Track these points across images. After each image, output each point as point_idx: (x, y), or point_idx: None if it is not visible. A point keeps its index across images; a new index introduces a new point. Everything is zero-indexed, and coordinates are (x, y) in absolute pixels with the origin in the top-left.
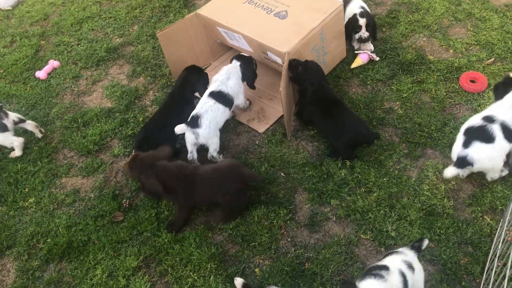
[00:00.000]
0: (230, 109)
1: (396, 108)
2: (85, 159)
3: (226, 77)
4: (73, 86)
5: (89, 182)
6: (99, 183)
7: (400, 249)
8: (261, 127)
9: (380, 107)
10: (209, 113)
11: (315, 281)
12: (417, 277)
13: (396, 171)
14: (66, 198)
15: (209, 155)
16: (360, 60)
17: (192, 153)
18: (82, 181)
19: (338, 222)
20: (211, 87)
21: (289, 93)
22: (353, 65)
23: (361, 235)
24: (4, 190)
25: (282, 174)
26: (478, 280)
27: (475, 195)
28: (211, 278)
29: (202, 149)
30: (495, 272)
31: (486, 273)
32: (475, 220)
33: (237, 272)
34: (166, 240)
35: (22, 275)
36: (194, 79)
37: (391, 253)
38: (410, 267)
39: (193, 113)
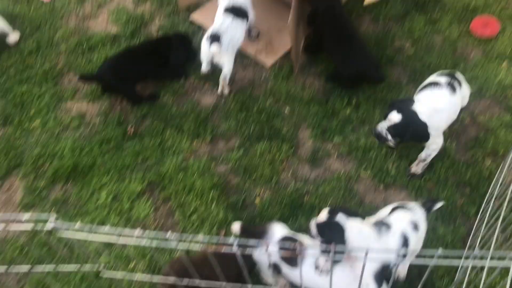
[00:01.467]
0: (247, 22)
1: (406, 47)
2: (88, 86)
3: None
4: (78, 9)
5: (94, 107)
6: (104, 109)
7: (410, 205)
8: (269, 60)
9: (390, 45)
10: (229, 31)
11: (313, 213)
12: (421, 235)
13: None
14: (72, 122)
15: (222, 76)
16: None
17: (206, 66)
18: (87, 106)
19: (339, 158)
20: (224, 2)
21: (298, 24)
22: (366, 2)
23: (361, 172)
24: (10, 111)
25: (287, 110)
26: (471, 220)
27: (478, 138)
28: (213, 205)
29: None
30: (490, 213)
31: (481, 213)
32: (475, 163)
33: (238, 201)
34: (170, 168)
35: (29, 194)
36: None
37: (400, 207)
38: (416, 227)
39: (212, 31)
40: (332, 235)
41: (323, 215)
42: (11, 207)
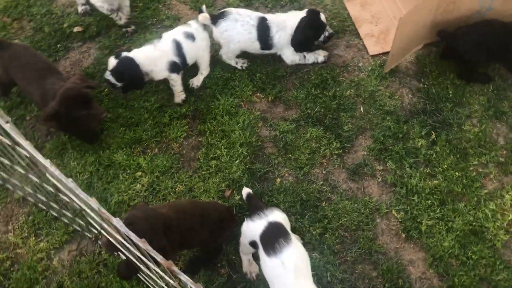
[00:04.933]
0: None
1: None
2: None
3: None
4: None
5: (193, 15)
6: None
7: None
8: (374, 49)
9: None
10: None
11: (320, 222)
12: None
13: (474, 173)
14: (166, 20)
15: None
16: None
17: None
18: (187, 12)
19: (380, 185)
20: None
21: (417, 24)
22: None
23: (393, 211)
24: None
25: (361, 109)
26: None
27: None
28: (236, 161)
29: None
30: None
31: None
32: None
33: (260, 170)
34: (220, 106)
35: (96, 67)
36: None
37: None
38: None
39: None
40: (127, 71)
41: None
42: None
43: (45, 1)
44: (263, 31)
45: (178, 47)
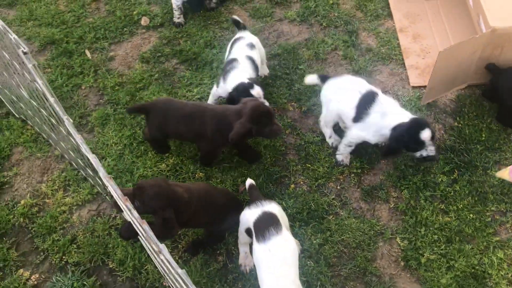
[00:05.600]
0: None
1: None
2: (263, 2)
3: None
4: None
5: (250, 22)
6: (255, 29)
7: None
8: (415, 80)
9: None
10: None
11: (323, 233)
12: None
13: (490, 219)
14: (224, 23)
15: None
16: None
17: None
18: (246, 18)
19: (391, 211)
20: None
21: (461, 61)
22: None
23: (398, 238)
24: None
25: None
26: None
27: None
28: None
29: None
30: None
31: None
32: None
33: (277, 174)
34: None
35: (152, 53)
36: None
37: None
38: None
39: None
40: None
41: None
42: None
43: None
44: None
45: (253, 62)
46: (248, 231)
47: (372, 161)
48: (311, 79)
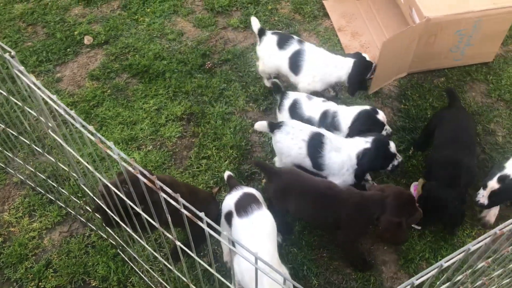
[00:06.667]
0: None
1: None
2: (205, 13)
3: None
4: None
5: (196, 32)
6: (201, 38)
7: None
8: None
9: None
10: None
11: (301, 220)
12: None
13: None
14: (170, 34)
15: None
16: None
17: None
18: (190, 29)
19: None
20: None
21: (400, 51)
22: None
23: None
24: (133, 1)
25: None
26: None
27: None
28: (226, 162)
29: None
30: None
31: None
32: None
33: (248, 171)
34: (215, 112)
35: (101, 70)
36: None
37: None
38: None
39: None
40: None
41: None
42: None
43: (59, 10)
44: (315, 147)
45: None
46: (228, 216)
47: None
48: (260, 126)
